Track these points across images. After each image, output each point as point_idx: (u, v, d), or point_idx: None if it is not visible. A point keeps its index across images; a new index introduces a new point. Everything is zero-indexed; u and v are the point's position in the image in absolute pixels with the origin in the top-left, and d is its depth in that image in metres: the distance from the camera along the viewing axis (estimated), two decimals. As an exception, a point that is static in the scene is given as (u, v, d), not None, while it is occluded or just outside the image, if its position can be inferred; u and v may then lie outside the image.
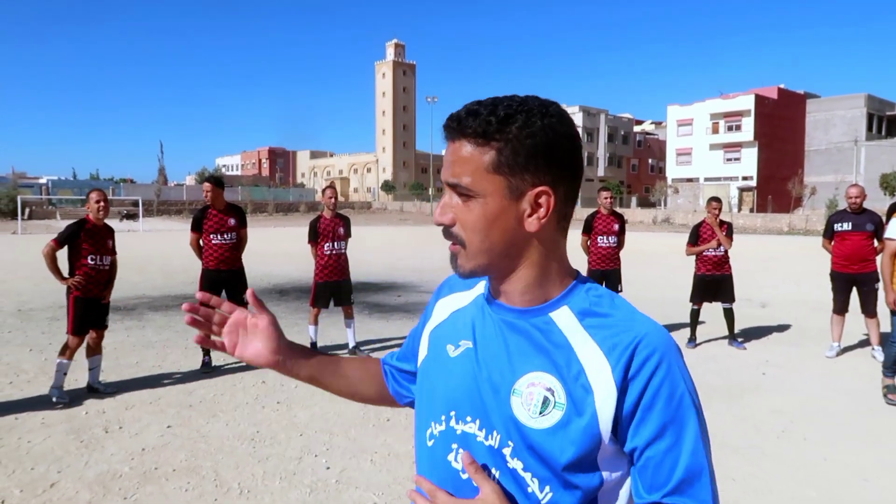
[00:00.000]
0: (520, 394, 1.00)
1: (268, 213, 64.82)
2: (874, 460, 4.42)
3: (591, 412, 0.96)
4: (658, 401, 0.95)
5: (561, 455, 0.96)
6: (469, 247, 1.02)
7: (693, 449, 0.96)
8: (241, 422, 5.04)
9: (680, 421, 0.96)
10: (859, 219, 7.30)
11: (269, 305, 10.39)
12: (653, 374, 0.95)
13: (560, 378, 0.98)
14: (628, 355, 0.95)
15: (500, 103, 0.99)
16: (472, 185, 0.99)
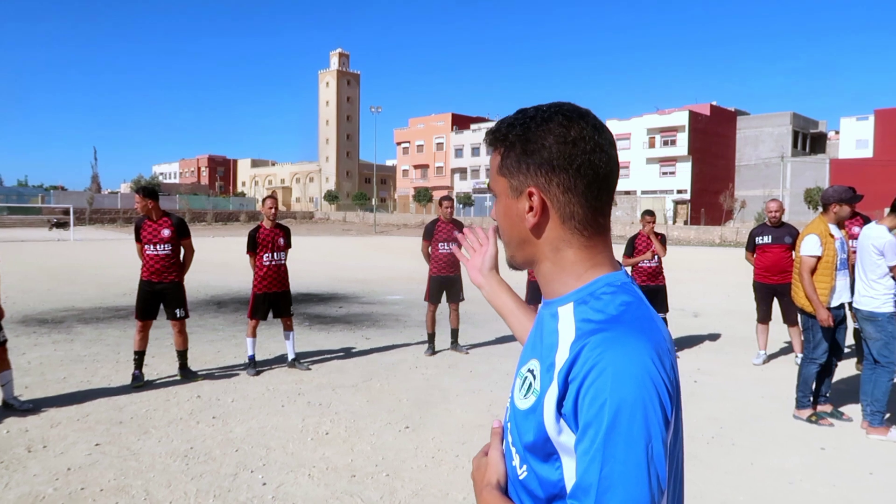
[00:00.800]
0: (520, 375, 1.11)
1: (207, 222, 63.29)
2: (798, 463, 4.61)
3: (543, 401, 1.01)
4: (584, 403, 0.95)
5: (526, 435, 1.04)
6: (502, 239, 1.21)
7: (590, 461, 0.92)
8: (175, 438, 4.89)
9: (592, 429, 0.93)
10: (778, 232, 7.68)
11: (207, 318, 10.22)
12: (586, 377, 0.95)
13: (541, 366, 1.05)
14: (577, 354, 0.97)
15: (517, 113, 1.12)
16: (491, 185, 1.17)
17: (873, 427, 5.17)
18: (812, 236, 5.42)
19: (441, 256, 7.98)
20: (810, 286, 5.40)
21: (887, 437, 5.08)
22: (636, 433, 0.90)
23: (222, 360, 7.50)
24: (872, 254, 5.21)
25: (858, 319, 5.39)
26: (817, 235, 5.41)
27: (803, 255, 5.45)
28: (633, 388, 0.92)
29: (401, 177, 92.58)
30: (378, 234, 52.99)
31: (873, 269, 5.22)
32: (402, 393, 6.24)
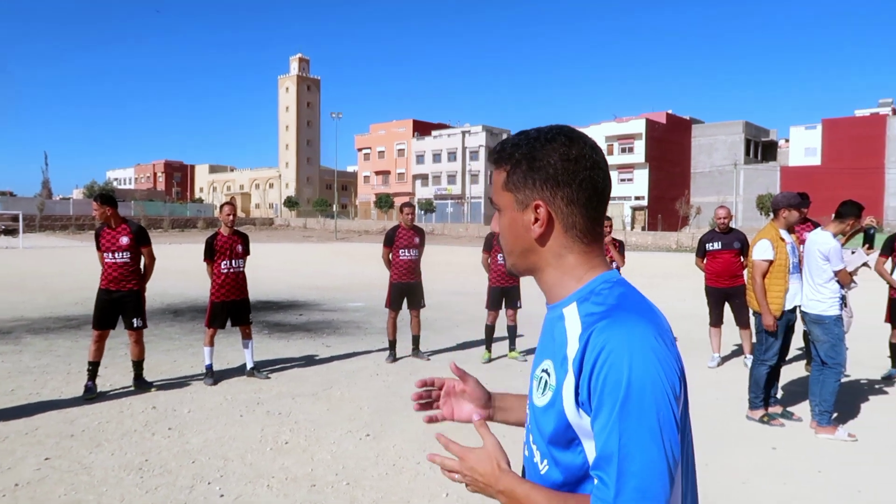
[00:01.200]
0: (536, 378, 1.21)
1: (163, 228, 61.97)
2: (751, 463, 4.73)
3: (561, 392, 1.11)
4: (597, 384, 1.04)
5: (546, 427, 1.14)
6: (504, 249, 1.28)
7: (611, 431, 1.01)
8: (129, 451, 4.77)
9: (608, 404, 1.02)
10: (727, 238, 7.90)
11: (163, 327, 10.01)
12: (597, 359, 1.05)
13: (554, 362, 1.15)
14: (586, 341, 1.08)
15: (519, 134, 1.23)
16: (496, 200, 1.26)
17: (822, 427, 5.34)
18: (764, 241, 5.59)
19: (402, 263, 7.97)
20: (761, 290, 5.56)
21: (835, 437, 5.25)
22: (647, 404, 1.01)
23: (179, 369, 7.35)
24: (818, 259, 5.39)
25: (806, 322, 5.56)
26: (769, 240, 5.58)
27: (755, 259, 5.61)
28: (641, 363, 1.02)
29: (362, 183, 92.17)
30: (339, 240, 52.63)
31: (819, 274, 5.40)
32: (363, 401, 6.21)
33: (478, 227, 59.48)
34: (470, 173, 77.80)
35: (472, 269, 21.24)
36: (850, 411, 6.01)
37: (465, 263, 24.60)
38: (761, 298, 5.57)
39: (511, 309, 8.11)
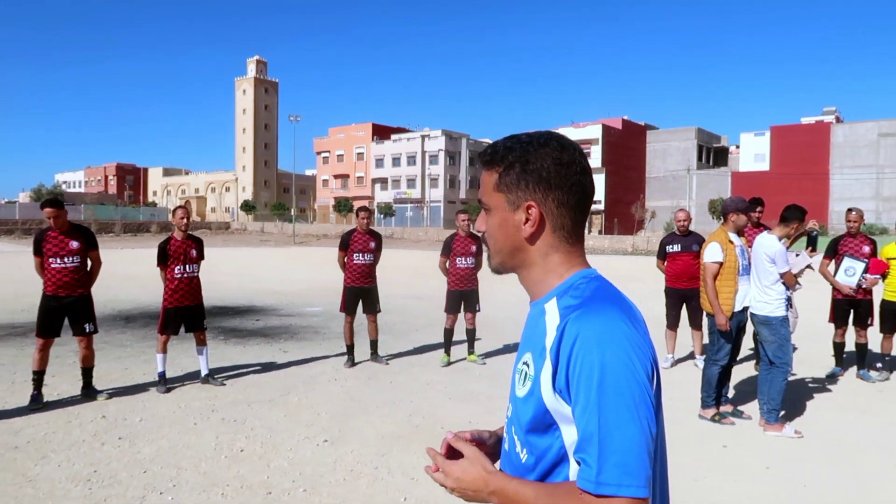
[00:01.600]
0: (518, 371, 1.25)
1: (115, 233, 60.36)
2: (703, 461, 4.84)
3: (539, 380, 1.17)
4: (575, 370, 1.11)
5: (525, 415, 1.19)
6: (490, 248, 1.33)
7: (590, 413, 1.07)
8: (77, 462, 4.63)
9: (586, 388, 1.09)
10: (686, 240, 8.08)
11: (114, 334, 9.76)
12: (573, 346, 1.11)
13: (533, 355, 1.21)
14: (562, 330, 1.15)
15: (510, 138, 1.29)
16: (487, 200, 1.31)
17: (770, 424, 5.50)
18: (714, 244, 5.75)
19: (356, 267, 7.92)
20: (712, 291, 5.71)
21: (782, 434, 5.41)
22: (622, 385, 1.07)
23: (130, 377, 7.16)
24: (765, 262, 5.56)
25: (755, 324, 5.73)
26: (718, 243, 5.75)
27: (706, 261, 5.77)
28: (613, 347, 1.10)
29: (321, 187, 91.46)
30: (297, 244, 52.03)
31: (766, 276, 5.57)
32: (321, 406, 6.15)
33: (437, 231, 59.56)
34: (430, 177, 77.86)
35: (431, 273, 21.24)
36: (796, 409, 6.20)
37: (425, 267, 24.59)
38: (713, 299, 5.71)
39: (470, 312, 8.13)
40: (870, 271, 7.17)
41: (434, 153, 77.73)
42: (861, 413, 6.18)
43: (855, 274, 7.19)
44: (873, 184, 57.81)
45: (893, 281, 7.30)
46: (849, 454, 5.03)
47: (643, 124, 74.64)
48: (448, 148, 77.91)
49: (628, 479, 1.04)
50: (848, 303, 7.44)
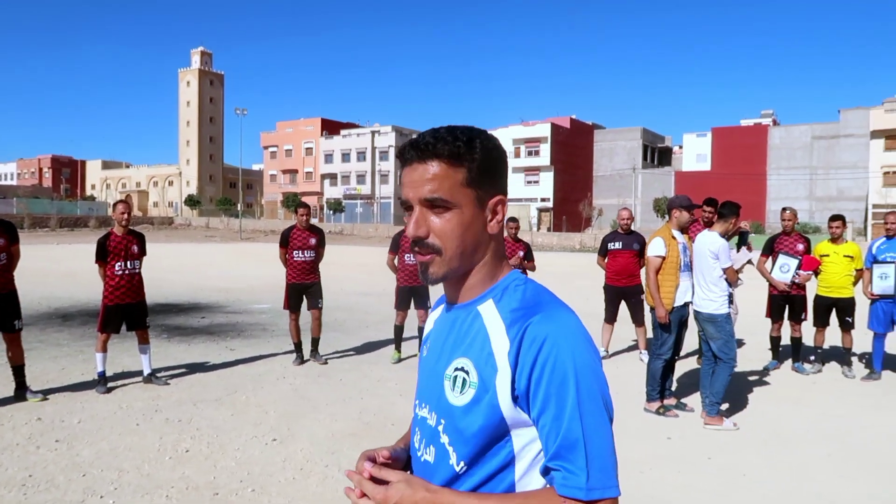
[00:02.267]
0: (449, 377, 1.19)
1: (50, 227, 57.97)
2: (648, 453, 4.96)
3: (493, 387, 1.12)
4: (543, 376, 1.09)
5: (472, 426, 1.14)
6: (445, 253, 1.18)
7: (571, 420, 1.07)
8: (10, 466, 4.43)
9: (561, 395, 1.08)
10: (628, 239, 8.27)
11: (50, 332, 9.39)
12: (539, 352, 1.09)
13: (474, 361, 1.16)
14: (521, 336, 1.11)
15: (457, 131, 1.19)
16: (451, 197, 1.17)
17: (710, 417, 5.67)
18: (658, 239, 5.92)
19: (297, 264, 7.83)
20: (654, 284, 5.87)
21: (722, 427, 5.59)
22: (594, 389, 1.09)
23: (68, 377, 6.90)
24: (709, 258, 5.73)
25: (700, 321, 5.89)
26: (662, 238, 5.91)
27: (649, 255, 5.94)
28: (581, 352, 1.10)
29: (268, 182, 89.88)
30: (244, 240, 51.07)
31: (710, 273, 5.73)
32: (269, 405, 6.05)
33: (387, 228, 59.31)
34: (380, 173, 77.49)
35: (381, 270, 21.14)
36: (735, 401, 6.42)
37: (375, 264, 24.44)
38: (654, 292, 5.87)
39: (421, 309, 8.12)
40: (803, 268, 7.47)
41: (384, 149, 77.37)
42: (796, 404, 6.44)
43: (789, 270, 7.49)
44: (807, 184, 60.27)
45: (826, 277, 7.63)
46: (785, 444, 5.24)
47: (591, 123, 75.90)
48: (398, 144, 77.17)
49: (611, 481, 1.07)
50: (783, 298, 7.74)
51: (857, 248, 7.65)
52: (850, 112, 58.72)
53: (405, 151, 1.21)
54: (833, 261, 7.54)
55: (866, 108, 56.97)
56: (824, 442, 5.30)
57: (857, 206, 53.24)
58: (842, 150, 58.69)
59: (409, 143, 1.21)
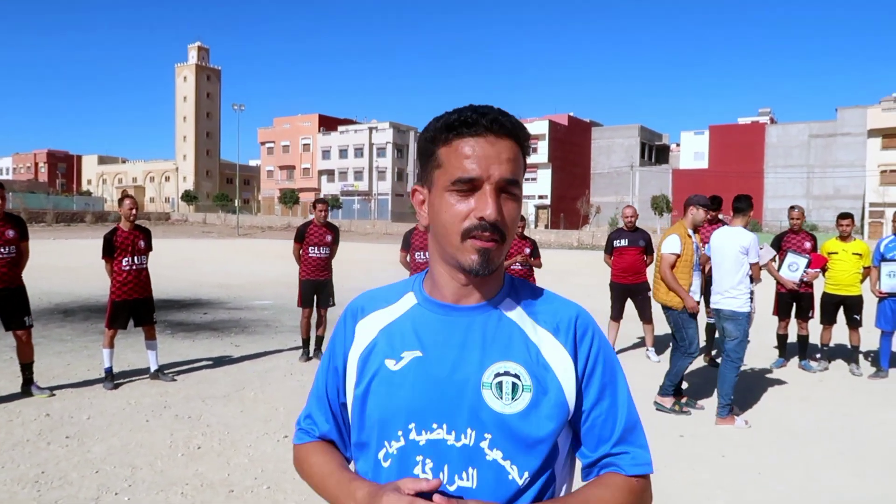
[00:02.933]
0: (489, 385, 1.07)
1: (46, 223, 57.75)
2: (660, 451, 4.93)
3: (556, 386, 1.09)
4: (598, 367, 1.12)
5: (538, 431, 1.06)
6: (506, 241, 1.08)
7: (628, 404, 1.14)
8: (22, 462, 4.40)
9: (615, 382, 1.14)
10: (633, 236, 8.24)
11: (52, 328, 9.35)
12: (591, 344, 1.13)
13: (523, 363, 1.09)
14: (573, 330, 1.13)
15: (505, 113, 1.09)
16: (520, 184, 1.11)
17: (721, 419, 5.62)
18: (673, 236, 5.86)
19: (311, 260, 7.78)
20: (673, 279, 5.77)
21: (735, 426, 5.57)
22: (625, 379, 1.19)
23: (74, 373, 6.86)
24: (737, 254, 5.60)
25: (719, 318, 5.79)
26: (678, 235, 5.86)
27: (664, 252, 5.87)
28: None
29: (265, 177, 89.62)
30: (242, 236, 50.96)
31: (736, 270, 5.61)
32: (278, 401, 6.02)
33: (385, 224, 59.25)
34: (377, 170, 77.33)
35: (380, 266, 21.14)
36: (744, 399, 6.41)
37: (374, 260, 24.43)
38: (676, 287, 5.76)
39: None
40: (810, 266, 7.46)
41: (382, 145, 77.18)
42: (804, 402, 6.44)
43: (798, 269, 7.48)
44: (804, 182, 60.36)
45: (833, 275, 7.62)
46: (797, 441, 5.23)
47: (588, 121, 75.85)
48: (396, 140, 77.47)
49: None
50: (790, 296, 7.73)
51: (866, 246, 7.65)
52: (848, 111, 58.81)
53: (473, 121, 1.05)
54: (841, 258, 7.54)
55: (864, 106, 57.07)
56: (836, 439, 5.29)
57: (854, 205, 53.32)
58: (839, 149, 58.79)
59: (477, 113, 1.06)
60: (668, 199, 55.71)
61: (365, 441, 1.13)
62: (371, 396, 1.12)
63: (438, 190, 1.09)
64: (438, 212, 1.08)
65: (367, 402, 1.13)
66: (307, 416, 1.28)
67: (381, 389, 1.11)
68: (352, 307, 1.24)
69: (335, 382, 1.23)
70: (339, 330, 1.24)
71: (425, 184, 1.13)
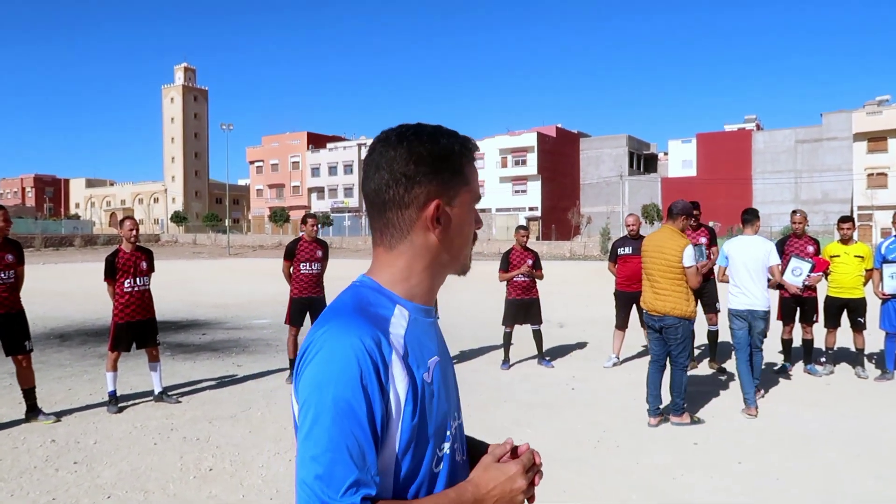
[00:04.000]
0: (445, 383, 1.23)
1: (35, 247, 57.23)
2: (677, 459, 4.92)
3: None
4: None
5: None
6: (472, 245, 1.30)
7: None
8: (31, 490, 4.31)
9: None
10: (637, 243, 8.22)
11: (50, 353, 9.23)
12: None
13: None
14: None
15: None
16: None
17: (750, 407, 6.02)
18: (689, 248, 5.71)
19: (303, 277, 7.66)
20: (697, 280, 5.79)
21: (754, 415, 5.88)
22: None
23: (76, 398, 6.76)
24: (766, 258, 6.25)
25: (755, 319, 6.23)
26: (691, 247, 5.76)
27: (688, 266, 5.65)
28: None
29: (255, 196, 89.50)
30: (233, 256, 50.70)
31: (763, 272, 6.26)
32: (286, 420, 5.94)
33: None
34: (367, 186, 77.31)
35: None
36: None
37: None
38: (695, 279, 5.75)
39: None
40: (814, 270, 7.48)
41: (371, 162, 77.26)
42: (813, 406, 6.43)
43: (801, 274, 7.50)
44: (792, 188, 60.86)
45: (836, 278, 7.65)
46: (810, 446, 5.21)
47: (576, 132, 76.25)
48: (385, 156, 77.56)
49: None
50: (794, 300, 7.75)
51: (867, 249, 7.69)
52: (833, 115, 59.49)
53: (474, 149, 1.25)
54: (844, 261, 7.57)
55: (848, 111, 57.77)
56: (850, 443, 5.28)
57: (842, 209, 53.76)
58: (825, 153, 59.39)
59: (472, 142, 1.24)
60: (658, 208, 56.01)
61: (421, 460, 1.12)
62: (427, 415, 1.12)
63: (466, 205, 1.20)
64: (464, 225, 1.20)
65: (426, 421, 1.12)
66: (351, 487, 1.01)
67: (431, 405, 1.13)
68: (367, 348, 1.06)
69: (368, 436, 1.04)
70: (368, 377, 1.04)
71: (448, 198, 1.17)
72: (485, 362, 8.61)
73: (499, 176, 70.40)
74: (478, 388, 7.14)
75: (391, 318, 1.13)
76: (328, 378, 1.03)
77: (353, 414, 1.02)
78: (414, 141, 1.15)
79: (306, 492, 1.02)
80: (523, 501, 1.16)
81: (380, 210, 1.18)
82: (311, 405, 1.04)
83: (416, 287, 1.19)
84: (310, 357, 1.07)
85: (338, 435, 1.01)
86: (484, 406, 6.37)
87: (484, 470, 1.15)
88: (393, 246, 1.18)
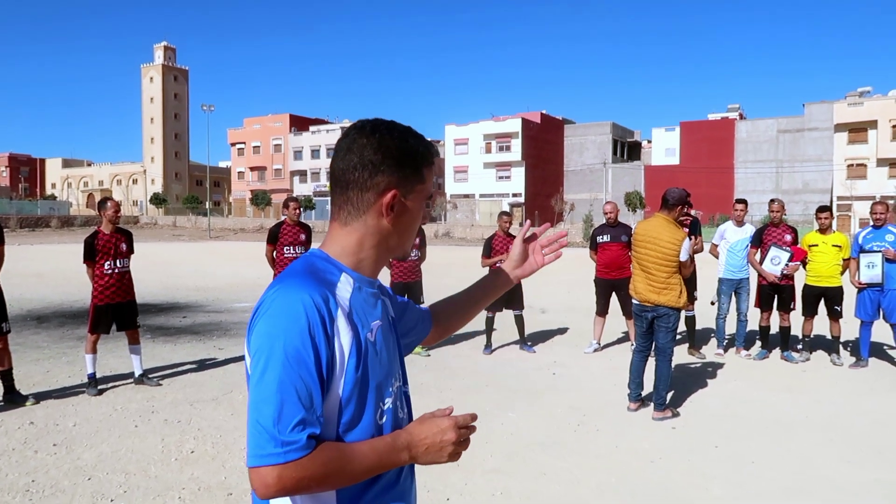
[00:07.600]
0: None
1: (10, 228, 56.28)
2: (655, 444, 4.99)
3: None
4: None
5: None
6: None
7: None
8: (10, 472, 4.27)
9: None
10: (615, 231, 8.28)
11: (27, 335, 9.13)
12: None
13: None
14: None
15: None
16: None
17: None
18: (686, 241, 5.66)
19: (286, 261, 7.60)
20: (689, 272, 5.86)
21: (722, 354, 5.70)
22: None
23: (54, 380, 6.70)
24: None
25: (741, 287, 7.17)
26: (687, 239, 5.73)
27: (685, 259, 5.60)
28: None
29: (236, 179, 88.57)
30: (213, 238, 50.29)
31: None
32: (268, 403, 5.93)
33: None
34: (350, 170, 76.85)
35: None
36: (730, 390, 6.50)
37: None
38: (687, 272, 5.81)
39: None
40: (792, 259, 7.59)
41: (354, 145, 76.74)
42: (790, 392, 6.54)
43: (780, 263, 7.60)
44: (773, 177, 61.49)
45: (815, 267, 7.75)
46: (787, 431, 5.31)
47: (561, 119, 76.28)
48: (368, 140, 77.11)
49: None
50: (772, 288, 7.85)
51: (845, 238, 7.80)
52: (814, 106, 60.05)
53: (436, 154, 1.41)
54: (822, 251, 7.67)
55: (830, 102, 58.34)
56: (824, 428, 5.39)
57: (822, 199, 54.43)
58: (807, 144, 60.01)
59: (434, 149, 1.39)
60: (641, 196, 56.30)
61: (362, 409, 1.25)
62: (370, 370, 1.26)
63: (419, 201, 1.36)
64: (414, 217, 1.36)
65: (368, 375, 1.26)
66: (298, 424, 1.12)
67: (375, 362, 1.28)
68: (315, 303, 1.18)
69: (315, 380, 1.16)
70: (315, 328, 1.16)
71: (405, 191, 1.32)
72: (467, 347, 8.65)
73: (482, 161, 70.30)
74: (460, 373, 7.17)
75: (337, 282, 1.27)
76: (278, 329, 1.15)
77: (301, 360, 1.14)
78: (386, 135, 1.30)
79: (258, 429, 1.11)
80: (452, 453, 1.27)
81: (343, 188, 1.31)
82: (262, 354, 1.15)
83: (363, 261, 1.33)
84: (262, 312, 1.20)
85: (287, 379, 1.13)
86: (466, 390, 6.41)
87: (420, 422, 1.29)
88: (348, 222, 1.31)
